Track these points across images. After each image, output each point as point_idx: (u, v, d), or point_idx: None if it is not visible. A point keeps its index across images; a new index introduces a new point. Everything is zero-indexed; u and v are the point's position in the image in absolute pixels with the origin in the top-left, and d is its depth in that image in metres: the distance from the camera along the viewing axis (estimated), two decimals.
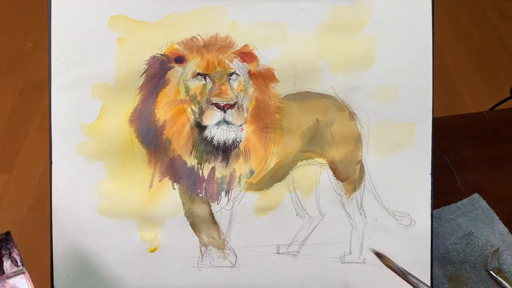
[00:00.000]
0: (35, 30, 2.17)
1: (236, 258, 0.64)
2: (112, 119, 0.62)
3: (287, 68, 0.62)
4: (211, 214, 0.63)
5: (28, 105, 1.88)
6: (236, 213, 0.63)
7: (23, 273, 0.51)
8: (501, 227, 0.78)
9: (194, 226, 0.63)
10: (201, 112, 0.62)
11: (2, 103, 1.89)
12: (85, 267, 0.63)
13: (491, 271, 0.73)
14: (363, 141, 0.64)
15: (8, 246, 0.53)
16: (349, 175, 0.64)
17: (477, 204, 0.81)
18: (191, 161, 0.63)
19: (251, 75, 0.63)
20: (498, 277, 0.72)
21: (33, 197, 1.56)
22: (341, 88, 0.63)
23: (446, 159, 0.87)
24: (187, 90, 0.62)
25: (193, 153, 0.63)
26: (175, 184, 0.63)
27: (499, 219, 0.79)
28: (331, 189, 0.64)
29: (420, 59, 0.63)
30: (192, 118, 0.62)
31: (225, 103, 0.62)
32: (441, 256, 0.75)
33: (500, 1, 2.31)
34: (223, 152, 0.63)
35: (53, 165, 0.62)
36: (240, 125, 0.63)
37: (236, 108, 0.62)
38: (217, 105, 0.62)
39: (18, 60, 2.05)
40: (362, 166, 0.64)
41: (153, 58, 0.62)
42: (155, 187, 0.63)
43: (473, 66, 2.02)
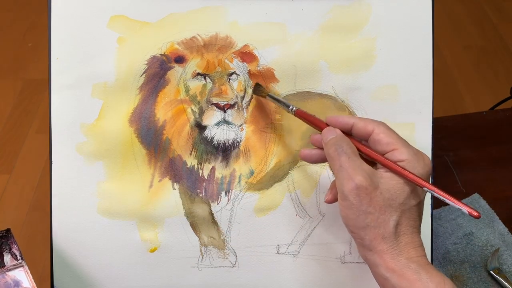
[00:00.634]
0: (35, 30, 2.17)
1: (236, 258, 0.64)
2: (112, 119, 0.62)
3: (287, 68, 0.62)
4: (211, 214, 0.63)
5: (28, 105, 1.88)
6: (236, 213, 0.63)
7: (22, 266, 0.55)
8: (501, 227, 0.78)
9: (194, 226, 0.63)
10: (201, 112, 0.62)
11: (2, 103, 1.89)
12: (85, 267, 0.63)
13: (491, 271, 0.73)
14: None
15: (8, 242, 0.57)
16: None
17: (477, 204, 0.81)
18: (191, 161, 0.63)
19: (251, 75, 0.63)
20: (499, 277, 0.72)
21: (33, 197, 1.56)
22: (341, 88, 0.63)
23: (446, 159, 0.87)
24: (187, 90, 0.62)
25: (193, 153, 0.63)
26: (175, 184, 0.63)
27: (499, 219, 0.79)
28: None
29: (420, 59, 0.63)
30: (192, 118, 0.62)
31: (225, 103, 0.62)
32: (441, 256, 0.75)
33: (500, 1, 2.31)
34: (223, 152, 0.63)
35: (53, 165, 0.62)
36: (240, 125, 0.63)
37: (236, 108, 0.62)
38: (217, 105, 0.62)
39: (18, 60, 2.05)
40: None
41: (153, 58, 0.62)
42: (155, 187, 0.63)
43: (473, 66, 2.02)
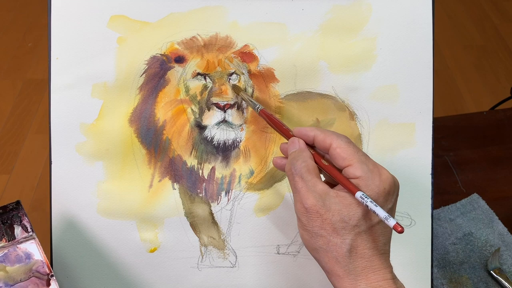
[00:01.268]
0: (35, 30, 2.17)
1: (236, 258, 0.64)
2: (112, 119, 0.62)
3: (287, 68, 0.62)
4: (211, 214, 0.63)
5: (28, 105, 1.88)
6: (236, 213, 0.63)
7: (33, 238, 0.55)
8: (500, 227, 0.78)
9: (194, 226, 0.63)
10: (201, 112, 0.62)
11: (2, 103, 1.89)
12: (84, 267, 0.63)
13: (491, 271, 0.73)
14: (363, 141, 0.64)
15: (19, 214, 0.57)
16: None
17: (476, 204, 0.81)
18: (191, 161, 0.63)
19: (251, 75, 0.63)
20: (499, 277, 0.72)
21: (33, 197, 1.56)
22: (341, 88, 0.63)
23: (446, 159, 0.87)
24: (187, 90, 0.62)
25: (193, 153, 0.63)
26: (175, 184, 0.63)
27: (499, 219, 0.79)
28: None
29: (420, 59, 0.63)
30: (192, 118, 0.62)
31: (225, 103, 0.62)
32: (440, 257, 0.75)
33: (500, 1, 2.31)
34: (223, 152, 0.63)
35: (53, 165, 0.62)
36: (240, 125, 0.63)
37: (236, 108, 0.62)
38: (217, 105, 0.62)
39: (18, 60, 2.05)
40: None
41: (153, 58, 0.62)
42: (155, 187, 0.63)
43: (473, 66, 2.02)
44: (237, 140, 0.63)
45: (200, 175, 0.63)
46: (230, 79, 0.62)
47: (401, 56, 0.63)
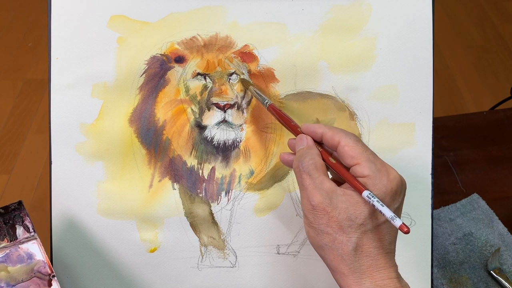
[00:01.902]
0: (35, 30, 2.17)
1: (236, 258, 0.64)
2: (112, 119, 0.62)
3: (287, 68, 0.62)
4: (211, 214, 0.63)
5: (28, 105, 1.88)
6: (236, 213, 0.63)
7: (35, 238, 0.55)
8: (500, 227, 0.78)
9: (194, 226, 0.63)
10: (201, 112, 0.62)
11: (2, 103, 1.89)
12: (85, 267, 0.63)
13: (492, 271, 0.73)
14: (363, 141, 0.64)
15: (20, 215, 0.57)
16: None
17: (476, 204, 0.81)
18: (191, 161, 0.63)
19: (251, 75, 0.63)
20: (499, 277, 0.72)
21: (33, 197, 1.56)
22: (341, 88, 0.63)
23: (446, 159, 0.87)
24: (187, 90, 0.62)
25: (193, 153, 0.63)
26: (175, 184, 0.63)
27: (499, 219, 0.79)
28: None
29: (420, 59, 0.63)
30: (192, 118, 0.62)
31: (225, 103, 0.62)
32: (440, 257, 0.75)
33: (500, 1, 2.31)
34: (223, 152, 0.63)
35: (53, 165, 0.62)
36: (240, 125, 0.63)
37: (236, 108, 0.62)
38: (217, 105, 0.62)
39: (18, 60, 2.05)
40: None
41: (153, 58, 0.62)
42: (155, 187, 0.63)
43: (473, 66, 2.02)
44: (237, 140, 0.63)
45: (200, 175, 0.63)
46: (230, 79, 0.62)
47: (401, 56, 0.63)
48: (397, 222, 0.45)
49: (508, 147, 0.90)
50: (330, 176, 0.51)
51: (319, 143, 0.53)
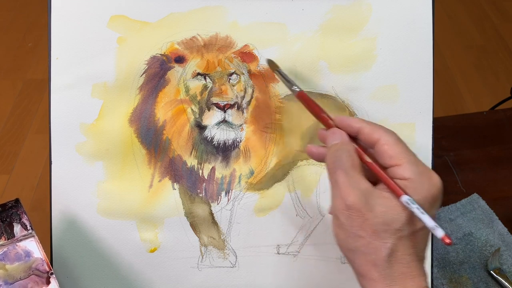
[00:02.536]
0: (35, 30, 2.17)
1: (236, 258, 0.64)
2: (112, 119, 0.62)
3: (287, 68, 0.62)
4: (211, 214, 0.63)
5: (28, 105, 1.88)
6: (236, 213, 0.63)
7: (32, 236, 0.55)
8: (500, 227, 0.78)
9: (194, 226, 0.63)
10: (201, 112, 0.62)
11: (2, 103, 1.89)
12: (85, 267, 0.63)
13: (491, 271, 0.73)
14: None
15: (18, 212, 0.57)
16: None
17: (476, 204, 0.81)
18: (191, 161, 0.63)
19: (251, 75, 0.63)
20: (499, 277, 0.72)
21: (33, 197, 1.56)
22: (341, 88, 0.63)
23: (446, 159, 0.87)
24: (187, 90, 0.62)
25: (193, 153, 0.63)
26: (175, 184, 0.63)
27: (499, 219, 0.79)
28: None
29: (420, 59, 0.63)
30: (192, 118, 0.62)
31: (225, 103, 0.62)
32: (440, 257, 0.75)
33: (500, 1, 2.31)
34: (223, 152, 0.63)
35: (53, 165, 0.62)
36: (240, 125, 0.63)
37: (236, 108, 0.62)
38: (217, 105, 0.62)
39: (18, 60, 2.05)
40: None
41: (153, 58, 0.62)
42: (155, 187, 0.63)
43: (473, 66, 2.03)
44: (237, 140, 0.63)
45: (200, 175, 0.63)
46: (230, 79, 0.62)
47: (401, 56, 0.63)
48: (439, 233, 0.42)
49: (508, 147, 0.90)
50: None
51: (353, 138, 0.49)
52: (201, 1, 0.61)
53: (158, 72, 0.62)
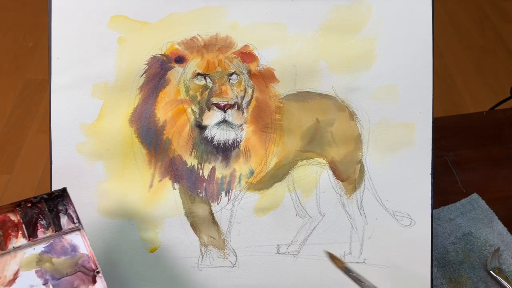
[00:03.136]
0: (35, 30, 2.17)
1: (236, 258, 0.64)
2: (112, 119, 0.62)
3: (287, 68, 0.62)
4: (211, 214, 0.63)
5: (28, 105, 1.88)
6: (236, 213, 0.64)
7: (79, 229, 0.52)
8: (500, 227, 0.78)
9: (194, 226, 0.64)
10: (201, 112, 0.62)
11: (2, 103, 1.89)
12: None
13: (491, 271, 0.73)
14: (363, 141, 0.64)
15: (64, 202, 0.53)
16: (349, 175, 0.64)
17: (476, 204, 0.81)
18: (191, 161, 0.63)
19: (251, 75, 0.63)
20: (498, 277, 0.72)
21: None
22: (341, 88, 0.63)
23: (446, 159, 0.87)
24: (187, 90, 0.62)
25: (193, 153, 0.63)
26: (175, 184, 0.63)
27: (498, 219, 0.79)
28: (331, 189, 0.64)
29: (420, 59, 0.63)
30: (192, 118, 0.62)
31: (225, 103, 0.62)
32: (440, 257, 0.75)
33: (500, 1, 2.31)
34: (223, 152, 0.63)
35: (53, 165, 0.62)
36: (240, 125, 0.63)
37: (236, 108, 0.62)
38: (217, 105, 0.62)
39: (18, 60, 2.05)
40: (362, 166, 0.64)
41: (153, 58, 0.62)
42: (155, 187, 0.63)
43: (473, 66, 2.03)
44: (237, 140, 0.63)
45: (200, 175, 0.63)
46: (230, 79, 0.62)
47: (401, 56, 0.63)
48: None
49: (508, 147, 0.90)
50: None
51: None
52: (201, 1, 0.61)
53: (158, 72, 0.62)
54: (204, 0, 0.62)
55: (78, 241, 0.51)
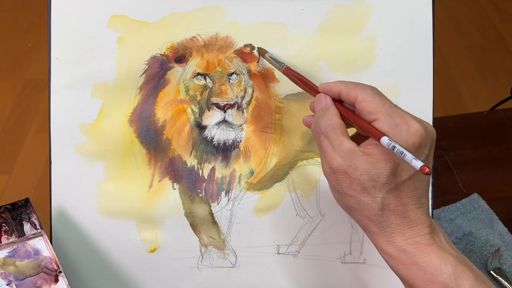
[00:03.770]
0: (35, 30, 2.17)
1: (236, 258, 0.64)
2: (112, 119, 0.62)
3: None
4: (211, 214, 0.63)
5: (28, 105, 1.88)
6: (236, 213, 0.63)
7: (41, 235, 0.57)
8: (500, 227, 0.78)
9: (194, 226, 0.63)
10: (201, 112, 0.62)
11: (2, 103, 1.89)
12: (84, 267, 0.63)
13: (492, 271, 0.73)
14: None
15: (27, 211, 0.59)
16: None
17: (476, 204, 0.81)
18: (191, 161, 0.63)
19: (251, 75, 0.63)
20: (499, 277, 0.72)
21: (33, 197, 1.55)
22: None
23: (446, 159, 0.87)
24: (187, 90, 0.62)
25: (193, 153, 0.63)
26: (175, 184, 0.63)
27: (499, 219, 0.79)
28: None
29: (420, 59, 0.63)
30: (192, 118, 0.62)
31: (225, 103, 0.62)
32: None
33: (500, 1, 2.31)
34: (223, 152, 0.63)
35: (52, 165, 0.62)
36: (240, 125, 0.63)
37: (236, 108, 0.62)
38: (217, 105, 0.62)
39: (18, 60, 2.05)
40: None
41: (153, 58, 0.62)
42: (155, 187, 0.63)
43: (473, 66, 2.03)
44: (237, 140, 0.63)
45: (200, 175, 0.63)
46: (230, 79, 0.62)
47: (401, 56, 0.63)
48: (417, 164, 0.42)
49: (508, 147, 0.90)
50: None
51: (340, 101, 0.50)
52: (201, 1, 0.61)
53: (158, 72, 0.62)
54: (204, 0, 0.62)
55: (41, 245, 0.56)
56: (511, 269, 0.74)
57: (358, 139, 0.48)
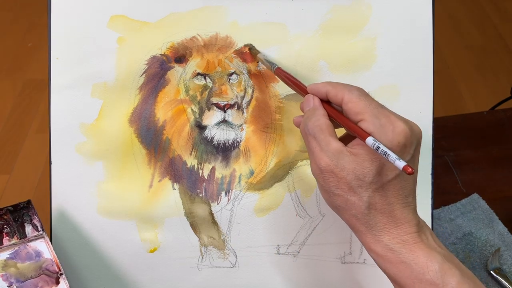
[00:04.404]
0: (35, 30, 2.17)
1: (236, 258, 0.64)
2: (112, 119, 0.62)
3: (287, 68, 0.62)
4: (211, 214, 0.63)
5: (28, 105, 1.88)
6: (236, 213, 0.63)
7: (43, 237, 0.57)
8: (500, 227, 0.78)
9: (194, 226, 0.63)
10: (201, 112, 0.62)
11: (2, 103, 1.89)
12: (84, 267, 0.63)
13: (492, 271, 0.73)
14: None
15: (29, 213, 0.59)
16: None
17: (476, 204, 0.81)
18: (191, 161, 0.63)
19: (251, 75, 0.63)
20: (499, 277, 0.72)
21: (33, 197, 1.55)
22: None
23: (446, 159, 0.87)
24: (187, 90, 0.62)
25: (193, 153, 0.63)
26: (175, 184, 0.63)
27: (499, 219, 0.79)
28: None
29: (420, 59, 0.63)
30: (192, 118, 0.62)
31: (225, 103, 0.62)
32: None
33: (500, 1, 2.31)
34: (223, 152, 0.63)
35: (52, 165, 0.62)
36: (240, 125, 0.63)
37: (236, 108, 0.62)
38: (217, 105, 0.62)
39: (18, 60, 2.05)
40: None
41: (153, 58, 0.62)
42: (155, 187, 0.63)
43: (473, 66, 2.02)
44: (237, 140, 0.63)
45: (200, 175, 0.63)
46: (230, 79, 0.62)
47: (401, 56, 0.63)
48: (400, 164, 0.42)
49: (508, 147, 0.90)
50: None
51: (328, 102, 0.51)
52: (201, 1, 0.61)
53: (158, 72, 0.62)
54: (204, 0, 0.61)
55: (42, 247, 0.56)
56: (511, 269, 0.74)
57: (347, 139, 0.49)
